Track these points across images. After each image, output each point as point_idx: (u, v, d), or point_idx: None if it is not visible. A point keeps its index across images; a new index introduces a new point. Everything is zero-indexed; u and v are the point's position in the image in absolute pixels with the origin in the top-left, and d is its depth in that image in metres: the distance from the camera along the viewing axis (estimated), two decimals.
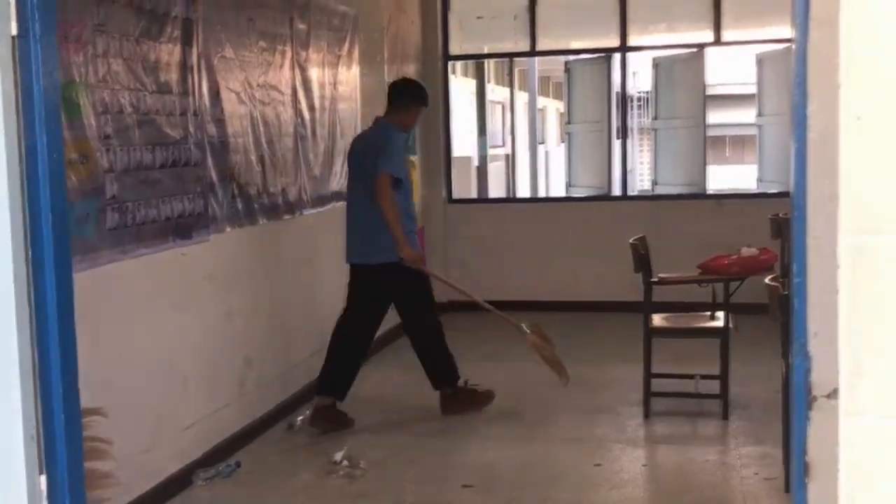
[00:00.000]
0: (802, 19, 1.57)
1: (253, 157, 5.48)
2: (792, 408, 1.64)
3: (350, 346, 5.71)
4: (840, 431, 1.56)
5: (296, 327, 6.02)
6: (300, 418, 5.62)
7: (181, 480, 4.61)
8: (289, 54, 5.97)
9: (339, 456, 5.00)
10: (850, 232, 1.53)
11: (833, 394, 1.56)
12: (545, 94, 19.57)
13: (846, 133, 1.52)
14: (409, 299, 5.82)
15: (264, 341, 5.57)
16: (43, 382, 1.75)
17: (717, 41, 8.63)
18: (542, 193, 13.26)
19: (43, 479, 1.77)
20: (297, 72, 6.10)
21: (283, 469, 4.97)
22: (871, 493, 1.55)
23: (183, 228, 4.71)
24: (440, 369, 5.87)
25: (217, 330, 5.04)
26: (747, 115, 10.64)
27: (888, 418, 1.55)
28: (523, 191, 14.91)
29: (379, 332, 7.45)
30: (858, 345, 1.54)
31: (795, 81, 1.60)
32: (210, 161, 4.98)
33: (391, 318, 7.38)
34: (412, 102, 5.81)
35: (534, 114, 16.18)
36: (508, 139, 15.72)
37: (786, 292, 4.45)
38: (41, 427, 1.75)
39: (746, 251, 5.90)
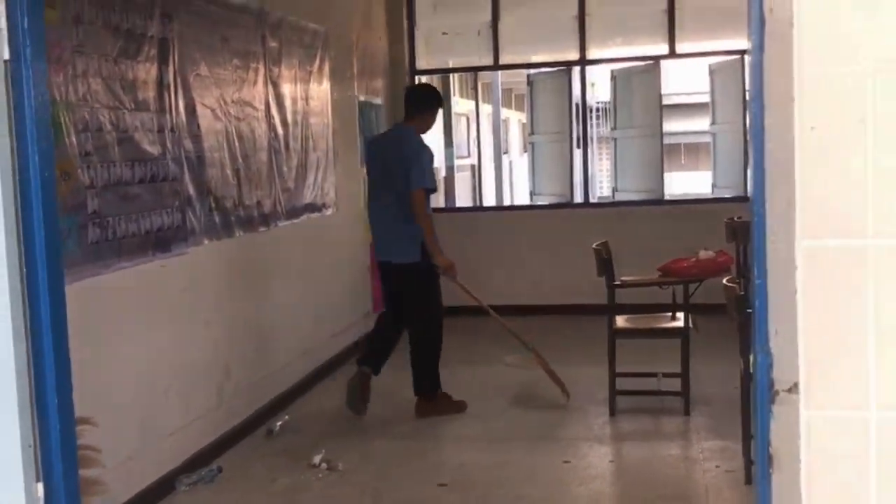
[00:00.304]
0: (758, 36, 1.60)
1: (229, 172, 5.47)
2: (755, 402, 1.67)
3: (417, 346, 5.88)
4: (801, 424, 1.60)
5: (273, 336, 6.01)
6: (279, 423, 5.60)
7: (164, 486, 4.59)
8: (262, 71, 5.97)
9: (317, 459, 4.99)
10: (807, 236, 1.57)
11: (794, 388, 1.59)
12: (508, 105, 19.63)
13: (801, 143, 1.56)
14: (423, 299, 5.82)
15: (242, 350, 5.55)
16: (39, 394, 1.75)
17: (672, 53, 8.72)
18: (507, 202, 13.29)
19: (40, 486, 1.77)
20: (270, 88, 6.10)
21: (263, 473, 4.95)
22: (831, 481, 1.59)
23: (162, 242, 4.69)
24: (422, 374, 5.91)
25: (196, 340, 5.02)
26: (701, 123, 10.74)
27: (846, 410, 1.58)
28: (489, 199, 14.95)
29: (356, 337, 7.48)
30: (817, 341, 1.58)
31: (753, 95, 1.63)
32: (187, 176, 4.96)
33: (363, 325, 7.39)
34: (429, 107, 5.88)
35: (498, 125, 16.24)
36: (474, 150, 15.75)
37: (742, 293, 4.52)
38: (37, 436, 1.75)
39: (704, 254, 5.96)
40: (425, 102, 5.90)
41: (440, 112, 6.14)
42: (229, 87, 5.49)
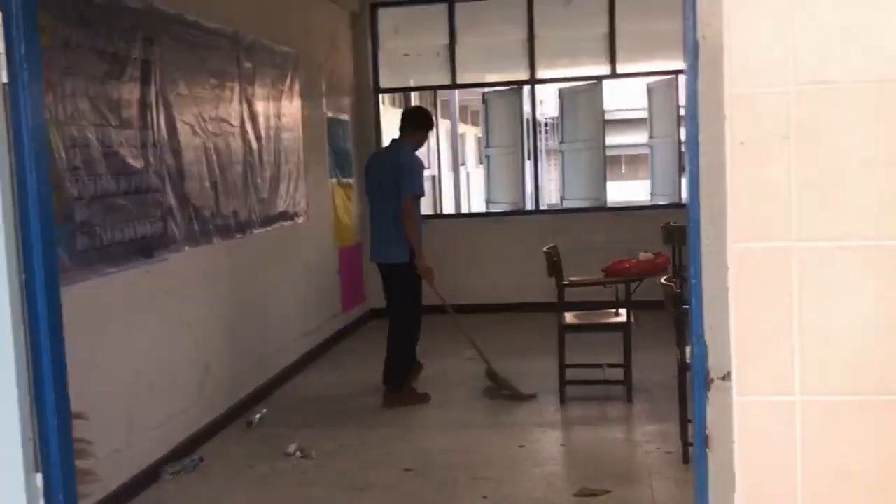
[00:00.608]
0: (692, 61, 1.64)
1: (207, 183, 5.43)
2: (692, 390, 1.70)
3: (393, 336, 5.98)
4: (733, 408, 1.63)
5: (249, 335, 5.97)
6: (258, 416, 5.57)
7: (150, 475, 4.55)
8: (237, 90, 5.93)
9: (292, 448, 4.97)
10: (737, 240, 1.60)
11: (727, 376, 1.62)
12: (465, 121, 19.67)
13: (731, 156, 1.60)
14: (404, 297, 5.92)
15: (221, 348, 5.52)
16: (37, 392, 1.74)
17: (613, 74, 8.79)
18: (464, 209, 13.31)
19: (39, 476, 1.76)
20: (245, 106, 6.06)
21: (242, 462, 4.92)
22: (760, 459, 1.62)
23: (145, 249, 4.64)
24: (393, 367, 5.95)
25: (178, 339, 4.98)
26: (640, 137, 10.84)
27: (773, 395, 1.62)
28: (448, 207, 14.95)
29: (326, 336, 7.46)
30: (746, 334, 1.61)
31: (688, 113, 1.67)
32: (168, 188, 4.92)
33: (333, 324, 7.39)
34: (422, 126, 6.05)
35: (455, 139, 16.26)
36: (434, 162, 15.76)
37: (678, 290, 4.58)
38: (36, 431, 1.74)
39: (644, 256, 6.03)
40: (419, 122, 6.06)
41: (432, 131, 6.31)
42: (207, 105, 5.45)
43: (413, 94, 11.07)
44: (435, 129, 10.14)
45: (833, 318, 1.59)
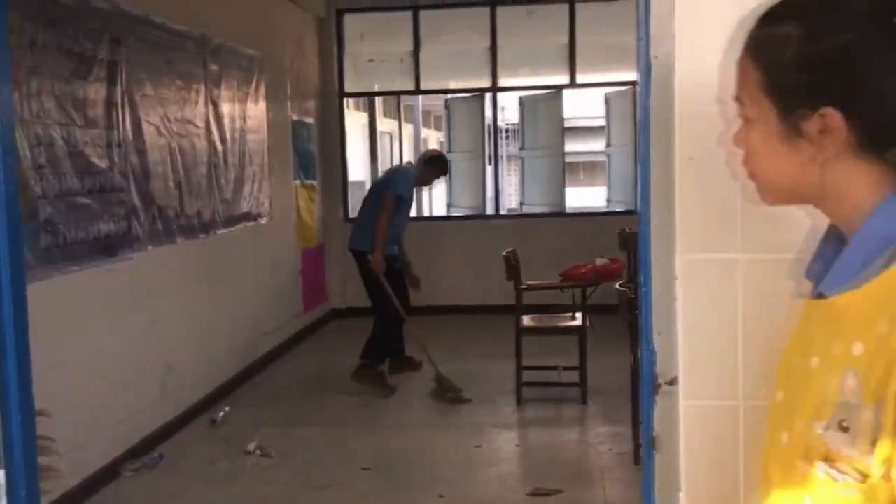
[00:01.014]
0: (645, 79, 1.68)
1: (171, 183, 5.40)
2: (641, 393, 1.75)
3: (379, 324, 6.27)
4: (680, 411, 1.68)
5: (212, 334, 5.94)
6: (221, 414, 5.55)
7: (110, 472, 4.51)
8: (203, 92, 5.90)
9: (251, 446, 4.96)
10: (684, 251, 1.65)
11: (674, 381, 1.67)
12: (428, 126, 19.68)
13: (680, 170, 1.64)
14: (374, 283, 6.17)
15: (183, 347, 5.48)
16: (2, 389, 1.73)
17: (573, 83, 8.88)
18: (426, 213, 13.33)
19: (1, 473, 1.75)
20: (210, 107, 6.03)
21: (202, 459, 4.90)
22: (705, 460, 1.67)
23: (109, 248, 4.61)
24: (375, 346, 6.22)
25: (140, 338, 4.94)
26: (598, 144, 10.96)
27: (717, 399, 1.67)
28: (411, 211, 14.96)
29: (288, 335, 7.43)
30: (692, 341, 1.66)
31: (641, 128, 1.71)
32: (133, 187, 4.88)
33: (294, 324, 7.39)
34: (432, 167, 6.52)
35: (418, 144, 16.28)
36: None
37: (633, 296, 4.65)
38: (0, 428, 1.73)
39: (600, 261, 6.09)
40: (432, 163, 6.54)
41: (441, 176, 6.76)
42: (173, 106, 5.42)
43: (378, 99, 11.07)
44: (370, 127, 10.35)
45: (776, 327, 1.64)
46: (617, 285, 5.31)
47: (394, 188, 6.17)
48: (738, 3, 1.61)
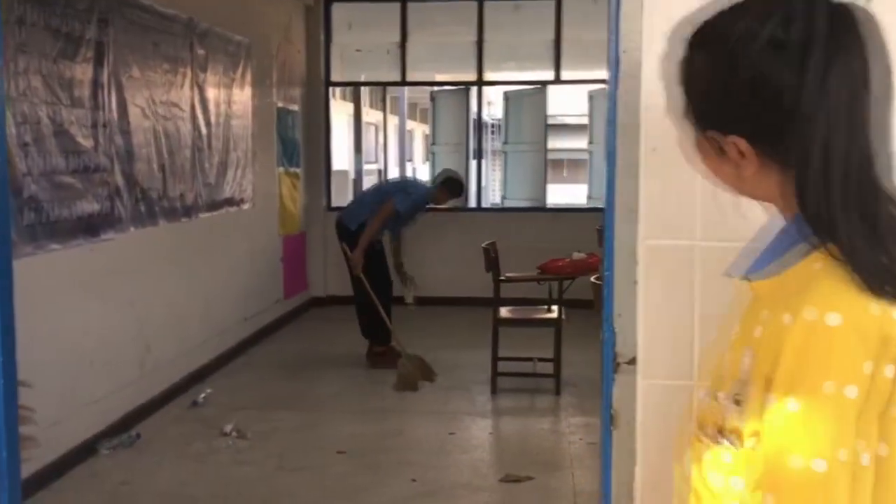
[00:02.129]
0: (614, 73, 1.76)
1: (155, 166, 5.44)
2: (602, 372, 1.83)
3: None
4: (638, 390, 1.76)
5: (191, 316, 5.99)
6: (202, 395, 5.60)
7: (87, 449, 4.56)
8: (189, 76, 5.94)
9: (228, 428, 5.02)
10: (646, 237, 1.73)
11: (633, 361, 1.75)
12: (413, 118, 19.73)
13: (644, 161, 1.73)
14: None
15: (163, 328, 5.53)
16: None
17: (557, 80, 8.96)
18: None
19: None
20: (196, 91, 6.08)
21: (178, 439, 4.96)
22: (660, 436, 1.76)
23: (91, 227, 4.66)
24: (370, 328, 6.47)
25: (120, 318, 4.99)
26: (581, 142, 11.06)
27: (674, 380, 1.75)
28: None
29: (267, 321, 7.48)
30: (651, 323, 1.75)
31: (608, 120, 1.79)
32: (117, 168, 4.93)
33: (274, 310, 7.42)
34: (447, 188, 6.66)
35: (403, 135, 16.32)
36: (381, 156, 15.81)
37: None
38: None
39: (577, 255, 6.19)
40: (447, 184, 6.68)
41: (454, 199, 6.95)
42: (158, 88, 5.46)
43: (364, 90, 11.12)
44: (355, 118, 10.49)
45: (729, 311, 1.73)
46: (592, 279, 5.40)
47: (398, 202, 6.36)
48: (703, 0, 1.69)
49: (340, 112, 11.72)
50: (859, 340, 0.97)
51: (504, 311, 5.96)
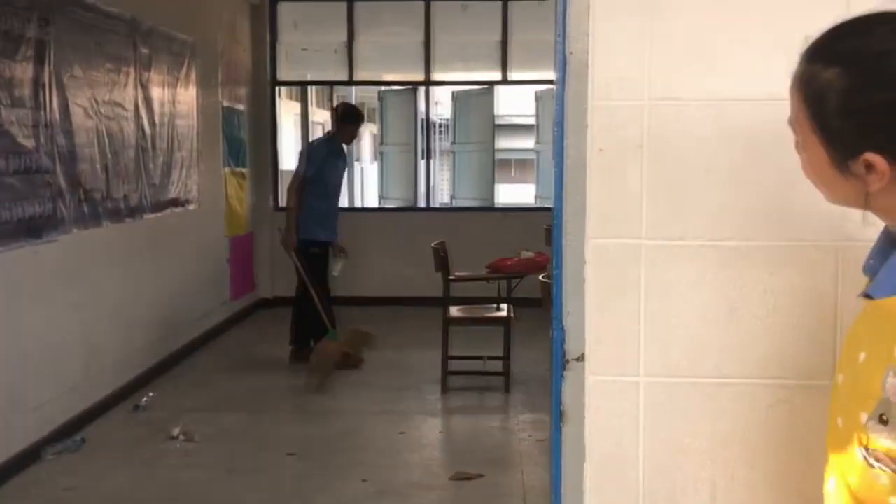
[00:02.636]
0: (561, 73, 1.79)
1: (98, 166, 5.35)
2: (551, 370, 1.85)
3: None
4: (586, 386, 1.79)
5: (137, 319, 5.91)
6: (144, 399, 5.52)
7: (31, 455, 4.47)
8: (133, 75, 5.86)
9: (176, 431, 4.96)
10: (594, 236, 1.76)
11: (581, 357, 1.78)
12: None
13: (591, 161, 1.75)
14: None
15: (107, 331, 5.45)
16: None
17: (505, 80, 9.02)
18: (357, 204, 13.33)
19: None
20: (140, 91, 5.99)
21: (125, 443, 4.89)
22: (608, 431, 1.79)
23: (34, 229, 4.56)
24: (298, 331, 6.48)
25: (64, 321, 4.90)
26: (528, 142, 11.13)
27: (620, 376, 1.78)
28: (342, 202, 14.92)
29: (214, 323, 7.40)
30: (599, 321, 1.77)
31: (556, 120, 1.81)
32: (59, 169, 4.84)
33: (221, 312, 7.35)
34: (347, 121, 6.54)
35: None
36: None
37: None
38: None
39: (525, 254, 6.24)
40: (342, 118, 6.53)
41: (361, 126, 6.79)
42: (101, 88, 5.38)
43: (311, 89, 11.06)
44: (302, 118, 10.43)
45: (675, 308, 1.77)
46: (541, 277, 5.45)
47: (303, 169, 6.35)
48: (648, 4, 1.73)
49: (288, 111, 11.64)
50: None
51: (454, 311, 5.99)
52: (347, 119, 6.55)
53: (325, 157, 6.40)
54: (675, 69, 1.73)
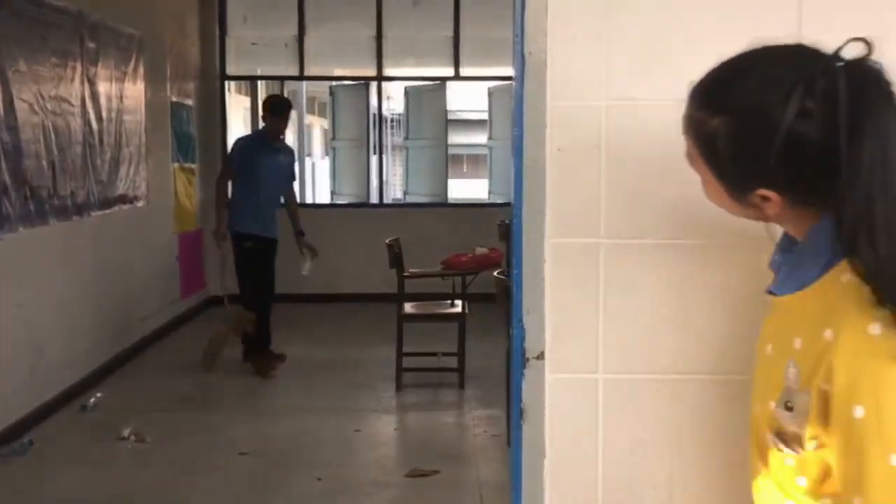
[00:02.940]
0: (520, 72, 1.80)
1: (44, 163, 5.25)
2: (511, 368, 1.86)
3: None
4: (546, 384, 1.81)
5: (85, 317, 5.81)
6: (92, 399, 5.43)
7: None
8: (79, 70, 5.75)
9: (126, 432, 4.89)
10: (553, 235, 1.77)
11: (541, 355, 1.79)
12: (312, 112, 19.50)
13: (550, 161, 1.76)
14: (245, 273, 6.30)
15: (54, 331, 5.34)
16: None
17: (457, 76, 9.04)
18: (308, 200, 13.24)
19: None
20: (87, 86, 5.88)
21: (74, 445, 4.81)
22: (568, 428, 1.80)
23: None
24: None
25: (8, 321, 4.80)
26: (481, 137, 11.16)
27: (579, 373, 1.80)
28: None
29: (164, 321, 7.31)
30: (558, 320, 1.79)
31: (515, 119, 1.82)
32: (3, 166, 4.73)
33: (171, 310, 7.26)
34: (273, 114, 6.34)
35: (302, 130, 16.12)
36: None
37: (510, 284, 4.81)
38: None
39: (479, 250, 6.26)
40: (274, 111, 6.35)
41: (287, 117, 6.51)
42: (47, 83, 5.27)
43: (261, 83, 10.95)
44: (252, 112, 10.29)
45: (632, 306, 1.79)
46: (495, 273, 5.47)
47: (229, 163, 6.40)
48: (605, 5, 1.74)
49: (238, 106, 11.52)
50: None
51: (408, 307, 5.99)
52: (274, 111, 6.36)
53: (253, 151, 6.22)
54: (633, 69, 1.75)
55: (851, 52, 1.10)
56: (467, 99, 14.81)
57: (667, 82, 1.76)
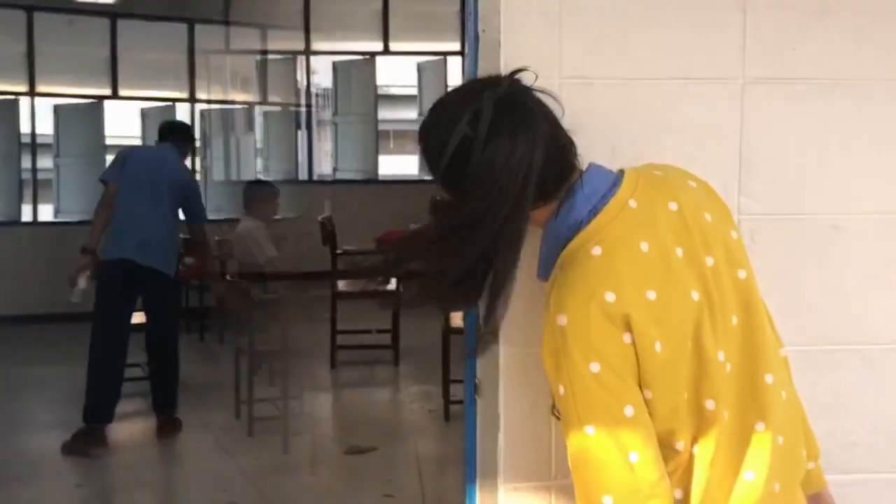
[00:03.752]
0: (473, 51, 1.80)
1: None
2: (465, 344, 1.89)
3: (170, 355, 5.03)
4: (500, 359, 1.83)
5: None
6: None
7: None
8: None
9: None
10: None
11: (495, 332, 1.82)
12: (235, 87, 19.15)
13: None
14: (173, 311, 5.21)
15: None
16: None
17: (386, 51, 8.98)
18: (234, 177, 13.04)
19: None
20: None
21: None
22: (521, 403, 1.84)
23: None
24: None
25: None
26: (410, 113, 11.13)
27: (533, 347, 1.83)
28: (218, 174, 14.54)
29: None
30: (512, 297, 1.81)
31: None
32: None
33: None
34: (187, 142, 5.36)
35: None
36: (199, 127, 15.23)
37: None
38: None
39: (414, 227, 6.26)
40: (186, 136, 5.44)
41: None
42: None
43: None
44: None
45: None
46: None
47: (202, 211, 5.14)
48: None
49: None
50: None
51: (342, 285, 5.97)
52: (185, 140, 5.33)
53: (116, 168, 4.94)
54: (585, 49, 1.78)
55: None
56: (396, 74, 14.75)
57: (617, 61, 1.80)
